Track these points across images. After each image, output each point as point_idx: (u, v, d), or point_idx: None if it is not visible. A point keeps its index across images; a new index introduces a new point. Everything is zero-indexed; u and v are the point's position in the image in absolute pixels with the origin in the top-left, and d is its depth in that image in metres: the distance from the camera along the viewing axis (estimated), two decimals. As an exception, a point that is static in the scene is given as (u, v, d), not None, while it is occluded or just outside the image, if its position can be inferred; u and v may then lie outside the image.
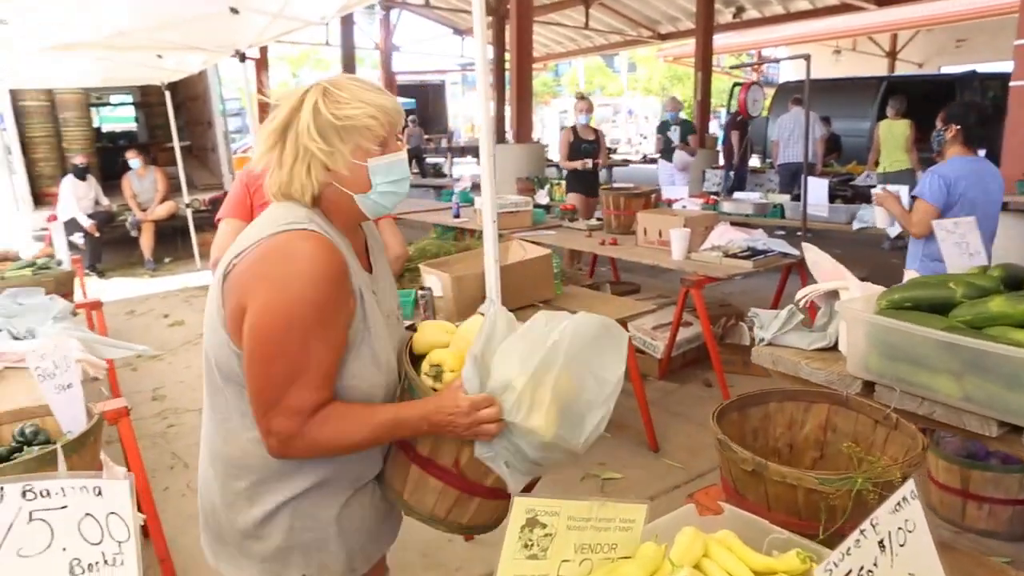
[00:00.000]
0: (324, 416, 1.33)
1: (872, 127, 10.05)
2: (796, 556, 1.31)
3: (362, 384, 1.40)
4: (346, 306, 1.36)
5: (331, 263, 1.32)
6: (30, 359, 1.88)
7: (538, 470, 1.47)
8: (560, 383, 1.36)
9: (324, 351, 1.32)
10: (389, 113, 1.39)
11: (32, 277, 4.12)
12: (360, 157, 1.38)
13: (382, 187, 1.40)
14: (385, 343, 1.46)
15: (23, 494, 0.97)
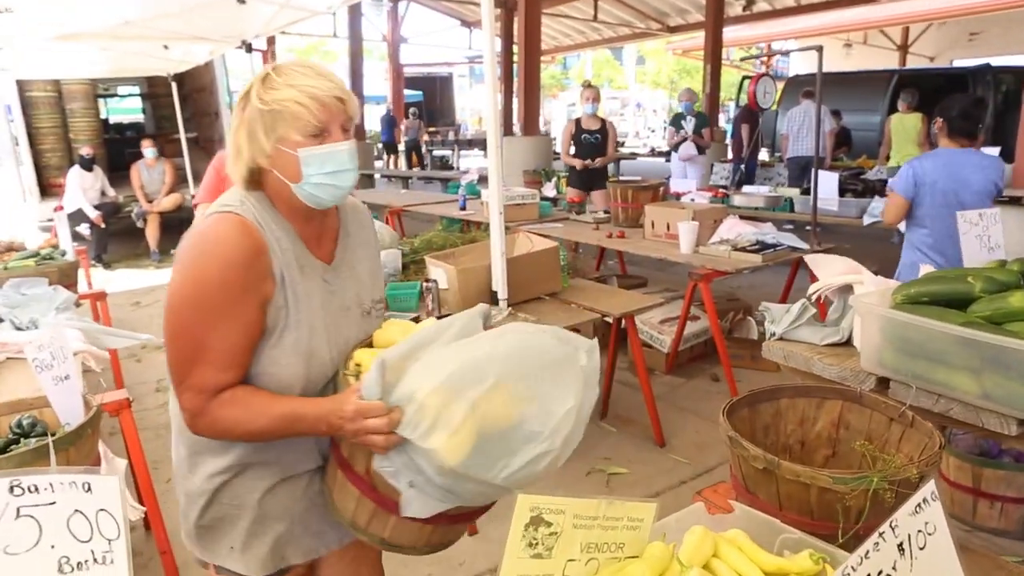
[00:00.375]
0: (227, 398, 1.33)
1: (883, 121, 9.95)
2: (809, 557, 1.27)
3: (279, 372, 1.38)
4: (258, 290, 1.34)
5: (239, 245, 1.32)
6: (28, 350, 1.85)
7: (456, 499, 1.28)
8: (488, 406, 1.20)
9: (228, 332, 1.32)
10: (323, 101, 1.32)
11: (36, 267, 4.11)
12: (291, 145, 1.33)
13: (316, 178, 1.35)
14: (319, 334, 1.42)
15: (11, 489, 0.94)
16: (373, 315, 1.56)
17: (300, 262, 1.42)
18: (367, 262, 1.58)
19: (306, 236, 1.45)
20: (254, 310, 1.34)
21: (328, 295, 1.46)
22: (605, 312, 3.41)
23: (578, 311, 3.41)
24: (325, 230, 1.50)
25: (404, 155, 18.98)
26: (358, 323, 1.51)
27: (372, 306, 1.56)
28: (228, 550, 1.48)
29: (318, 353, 1.42)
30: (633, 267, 7.16)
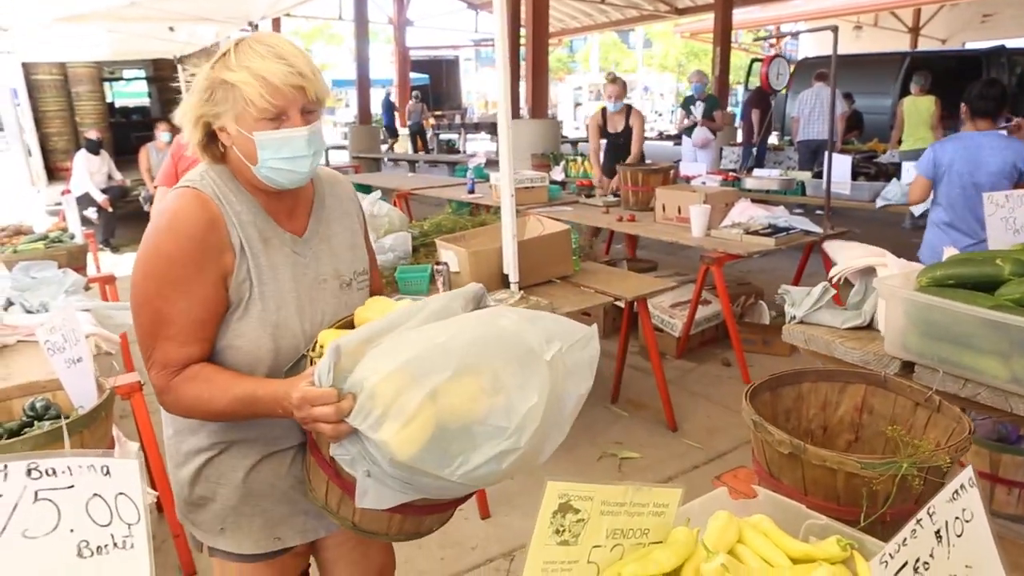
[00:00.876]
0: (191, 375, 1.33)
1: (894, 104, 9.83)
2: (836, 543, 1.24)
3: (246, 345, 1.37)
4: (215, 263, 1.33)
5: (193, 219, 1.32)
6: (39, 333, 1.83)
7: (416, 492, 1.21)
8: (449, 397, 1.12)
9: (186, 305, 1.31)
10: (277, 85, 1.27)
11: (45, 251, 4.09)
12: (248, 128, 1.30)
13: (272, 163, 1.32)
14: (288, 306, 1.40)
15: (28, 472, 0.91)
16: (355, 287, 1.53)
17: (264, 235, 1.40)
18: (345, 234, 1.55)
19: (273, 209, 1.43)
20: (212, 284, 1.33)
21: (300, 268, 1.44)
22: (617, 296, 3.38)
23: (590, 294, 3.38)
24: (297, 203, 1.48)
25: (408, 139, 18.89)
26: (336, 296, 1.49)
27: (353, 278, 1.53)
28: (219, 530, 1.48)
29: (287, 325, 1.40)
30: (642, 251, 7.11)
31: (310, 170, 1.36)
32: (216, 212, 1.35)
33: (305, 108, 1.32)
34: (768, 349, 4.73)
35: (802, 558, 1.25)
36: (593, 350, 1.31)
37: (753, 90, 10.90)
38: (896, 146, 8.51)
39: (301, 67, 1.29)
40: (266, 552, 1.49)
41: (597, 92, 30.18)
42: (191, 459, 1.46)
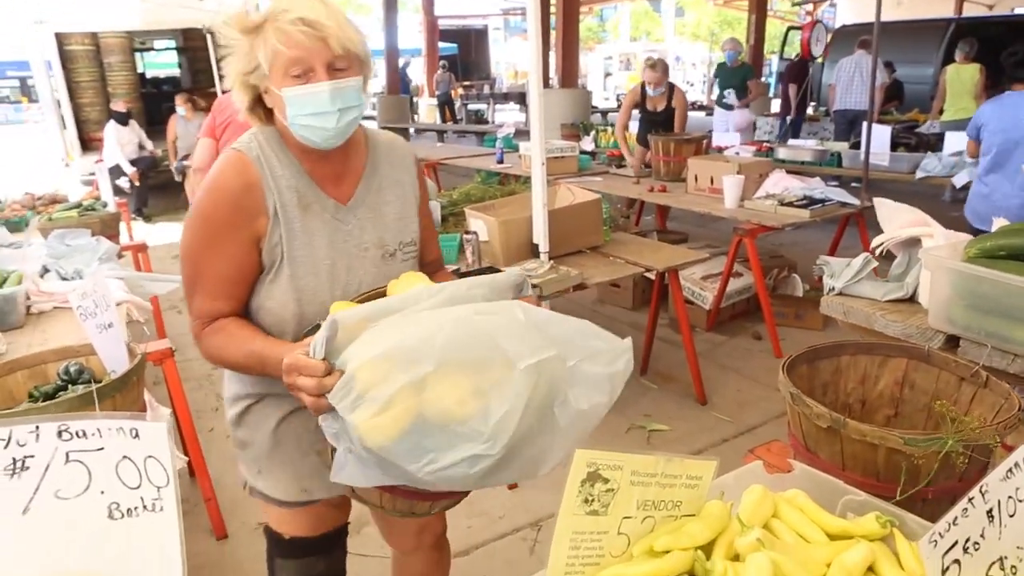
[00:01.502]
0: (217, 327, 1.38)
1: (936, 73, 9.51)
2: (875, 519, 1.21)
3: (274, 307, 1.40)
4: (248, 226, 1.36)
5: (229, 182, 1.35)
6: (72, 298, 1.85)
7: (390, 478, 1.15)
8: (435, 392, 1.08)
9: (216, 262, 1.36)
10: (298, 39, 1.26)
11: (78, 219, 4.15)
12: (277, 84, 1.31)
13: (299, 119, 1.32)
14: (319, 272, 1.41)
15: (59, 434, 0.91)
16: (399, 258, 1.51)
17: (304, 200, 1.40)
18: (396, 203, 1.52)
19: (320, 174, 1.43)
20: (244, 245, 1.37)
21: (340, 235, 1.44)
22: (648, 266, 3.33)
23: (620, 265, 3.34)
24: (347, 169, 1.47)
25: (437, 109, 18.78)
26: (377, 265, 1.48)
27: (398, 248, 1.51)
28: (256, 472, 1.55)
29: (314, 291, 1.41)
30: (672, 223, 7.01)
31: (338, 127, 1.33)
32: (254, 176, 1.36)
33: (333, 64, 1.30)
34: (800, 323, 4.64)
35: (839, 534, 1.22)
36: (618, 366, 1.25)
37: (790, 61, 10.62)
38: (937, 116, 8.24)
39: (322, 20, 1.27)
40: (296, 501, 1.54)
41: (627, 62, 29.71)
42: (235, 404, 1.55)
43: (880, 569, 1.13)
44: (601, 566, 1.10)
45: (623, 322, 4.90)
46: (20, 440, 0.90)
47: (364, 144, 1.50)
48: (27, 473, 0.91)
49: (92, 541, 0.93)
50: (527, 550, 2.66)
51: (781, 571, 1.08)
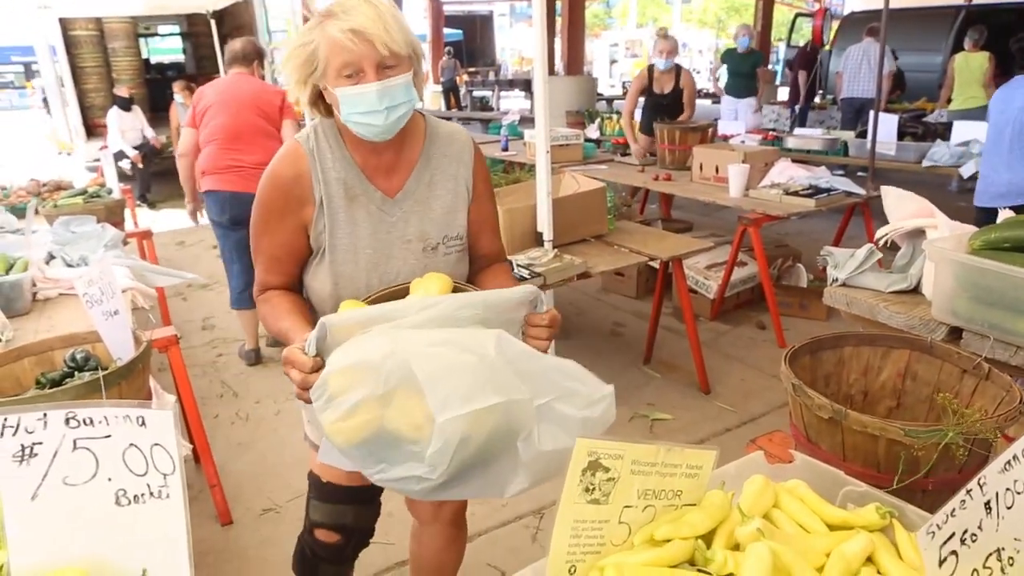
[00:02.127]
0: (266, 297, 1.54)
1: (945, 61, 9.42)
2: (875, 510, 1.21)
3: (317, 288, 1.54)
4: (295, 213, 1.48)
5: (281, 172, 1.48)
6: (78, 285, 1.86)
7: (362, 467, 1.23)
8: (397, 408, 1.15)
9: (268, 242, 1.52)
10: (344, 43, 1.33)
11: (84, 205, 4.15)
12: (331, 83, 1.39)
13: (352, 117, 1.40)
14: (358, 260, 1.50)
15: (66, 421, 0.93)
16: (440, 251, 1.56)
17: (352, 192, 1.49)
18: (447, 197, 1.56)
19: (371, 166, 1.51)
20: (291, 230, 1.50)
21: (384, 226, 1.51)
22: (653, 255, 3.33)
23: (624, 254, 3.34)
24: (400, 161, 1.53)
25: (442, 96, 18.70)
26: (417, 257, 1.53)
27: (441, 242, 1.56)
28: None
29: (352, 278, 1.50)
30: (677, 211, 7.00)
31: (386, 123, 1.40)
32: (304, 168, 1.48)
33: (382, 64, 1.36)
34: (804, 313, 4.64)
35: (839, 525, 1.23)
36: (595, 412, 1.25)
37: (800, 48, 10.53)
38: (945, 105, 8.19)
39: (368, 24, 1.34)
40: None
41: (634, 49, 29.50)
42: None
43: (879, 560, 1.14)
44: (602, 554, 1.11)
45: (627, 311, 4.91)
46: (28, 427, 0.91)
47: (422, 135, 1.56)
48: (35, 460, 0.92)
49: (99, 527, 0.94)
50: (529, 537, 2.67)
51: (781, 561, 1.09)
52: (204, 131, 3.99)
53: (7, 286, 2.60)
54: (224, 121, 3.93)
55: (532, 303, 1.34)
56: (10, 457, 0.91)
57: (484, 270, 1.67)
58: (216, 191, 3.98)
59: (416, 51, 1.43)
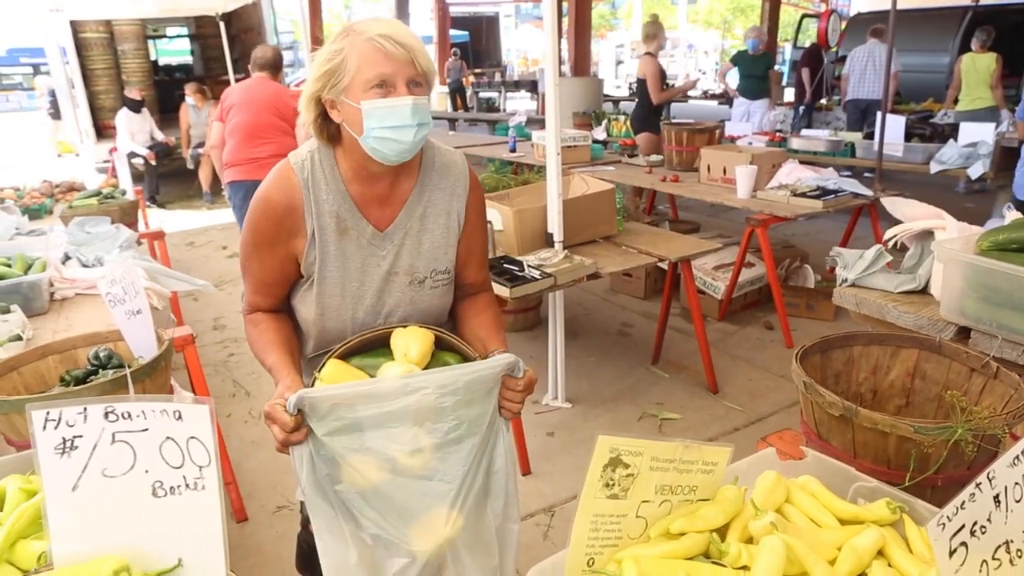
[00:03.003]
0: (255, 319, 1.54)
1: (952, 61, 9.41)
2: (886, 505, 1.24)
3: (303, 313, 1.55)
4: (285, 243, 1.46)
5: (274, 202, 1.45)
6: (101, 284, 1.90)
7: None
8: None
9: (256, 266, 1.51)
10: (388, 53, 1.32)
11: (98, 206, 4.20)
12: (355, 97, 1.35)
13: (376, 131, 1.35)
14: (345, 293, 1.49)
15: (106, 415, 0.96)
16: (427, 285, 1.54)
17: (343, 225, 1.46)
18: (438, 231, 1.53)
19: (365, 197, 1.48)
20: (280, 258, 1.48)
21: (373, 260, 1.49)
22: (662, 256, 3.35)
23: (633, 255, 3.37)
24: (393, 194, 1.50)
25: (448, 97, 18.74)
26: (403, 290, 1.52)
27: (428, 276, 1.54)
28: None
29: (337, 310, 1.50)
30: (684, 212, 7.02)
31: (413, 141, 1.37)
32: (297, 200, 1.44)
33: (413, 80, 1.35)
34: (812, 313, 4.66)
35: (850, 519, 1.25)
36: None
37: (805, 48, 10.53)
38: (952, 106, 8.18)
39: (411, 41, 1.35)
40: None
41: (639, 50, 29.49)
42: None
43: (890, 553, 1.17)
44: (619, 547, 1.14)
45: (635, 311, 4.93)
46: (69, 421, 0.95)
47: (418, 166, 1.52)
48: (76, 452, 0.95)
49: (137, 517, 0.98)
50: (541, 535, 2.70)
51: (794, 553, 1.12)
52: (227, 126, 4.62)
53: (26, 286, 2.64)
54: (245, 119, 4.53)
55: (510, 369, 1.36)
56: (52, 449, 0.95)
57: (468, 299, 1.65)
58: (239, 181, 4.56)
59: (436, 76, 1.43)
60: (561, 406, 3.59)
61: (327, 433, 1.26)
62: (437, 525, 1.32)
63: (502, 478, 1.40)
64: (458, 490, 1.33)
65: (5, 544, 1.09)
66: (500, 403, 1.38)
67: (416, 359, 1.36)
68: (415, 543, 1.31)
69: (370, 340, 1.43)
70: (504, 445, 1.40)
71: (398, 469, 1.29)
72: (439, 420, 1.29)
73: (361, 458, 1.27)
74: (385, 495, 1.29)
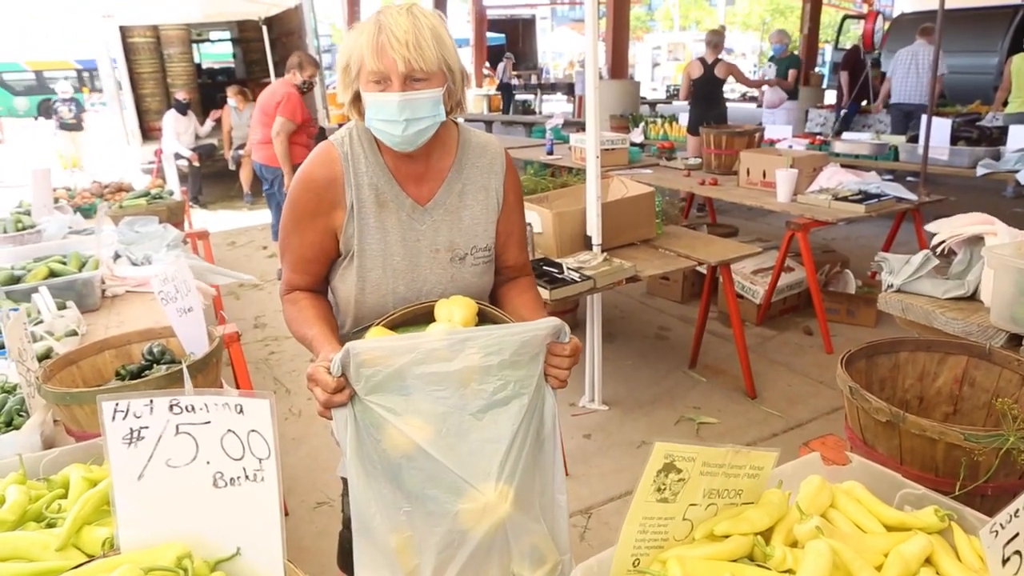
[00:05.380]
0: (293, 298, 1.56)
1: (1000, 62, 9.19)
2: (934, 513, 1.23)
3: (342, 290, 1.55)
4: (325, 215, 1.49)
5: (314, 174, 1.49)
6: (154, 283, 1.95)
7: None
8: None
9: (296, 242, 1.53)
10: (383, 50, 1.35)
11: (147, 206, 4.32)
12: (363, 86, 1.41)
13: (374, 122, 1.42)
14: (386, 267, 1.50)
15: (170, 408, 1.00)
16: (468, 262, 1.56)
17: (382, 198, 1.49)
18: (477, 208, 1.56)
19: (403, 172, 1.51)
20: (320, 232, 1.50)
21: (413, 234, 1.51)
22: (701, 260, 3.34)
23: (672, 258, 3.36)
24: (430, 170, 1.53)
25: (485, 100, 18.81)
26: (444, 267, 1.54)
27: (469, 252, 1.55)
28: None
29: (377, 284, 1.51)
30: (721, 216, 6.97)
31: (404, 135, 1.40)
32: (338, 172, 1.48)
33: (410, 76, 1.37)
34: (852, 319, 4.59)
35: (897, 526, 1.24)
36: None
37: (847, 50, 10.36)
38: (1000, 108, 7.97)
39: (395, 40, 1.34)
40: None
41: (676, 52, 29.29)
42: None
43: (938, 561, 1.16)
44: (664, 549, 1.15)
45: (672, 315, 4.91)
46: (136, 412, 0.99)
47: (455, 145, 1.55)
48: (142, 443, 0.99)
49: (198, 507, 1.02)
50: (577, 536, 2.71)
51: (840, 558, 1.11)
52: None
53: (80, 283, 2.73)
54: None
55: (556, 334, 1.36)
56: (120, 439, 0.99)
57: (509, 283, 1.67)
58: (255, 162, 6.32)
59: (452, 67, 1.42)
60: (598, 408, 3.59)
61: (370, 392, 1.24)
62: (487, 495, 1.26)
63: (551, 445, 1.38)
64: (506, 453, 1.28)
65: (72, 529, 1.13)
66: (546, 370, 1.36)
67: (460, 323, 1.37)
68: (464, 519, 1.27)
69: (413, 315, 1.43)
70: (551, 409, 1.38)
71: (444, 431, 1.25)
72: (484, 381, 1.27)
73: (406, 420, 1.24)
74: (431, 460, 1.25)
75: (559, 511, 1.40)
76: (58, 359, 1.85)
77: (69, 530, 1.13)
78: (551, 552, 1.37)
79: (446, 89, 1.42)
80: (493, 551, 1.30)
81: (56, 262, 2.92)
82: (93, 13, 8.59)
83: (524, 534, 1.32)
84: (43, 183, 3.97)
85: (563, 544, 1.40)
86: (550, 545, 1.37)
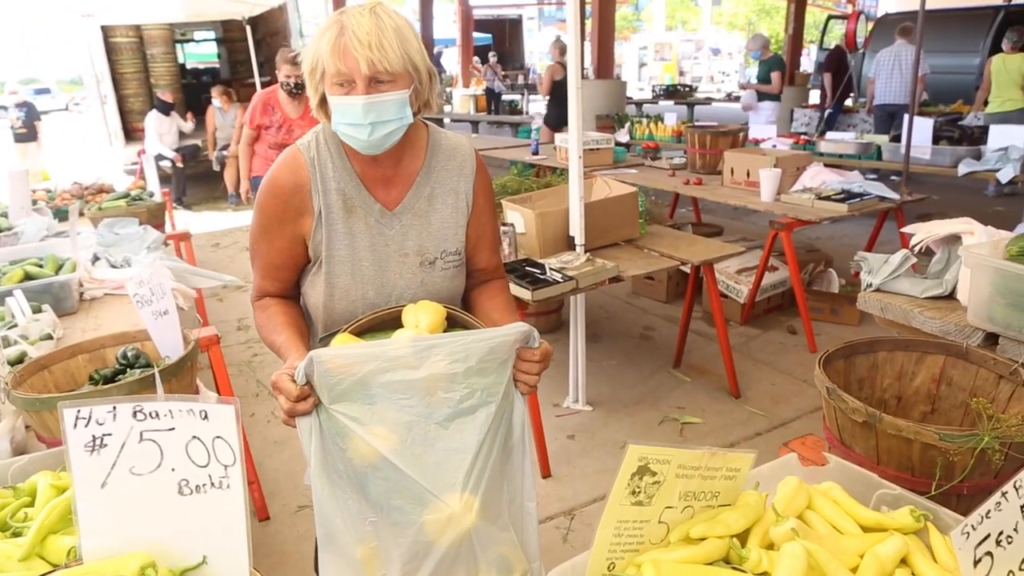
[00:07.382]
0: (263, 304, 1.54)
1: (982, 62, 9.26)
2: (910, 513, 1.23)
3: (311, 296, 1.54)
4: (292, 222, 1.47)
5: (281, 181, 1.46)
6: (129, 286, 1.93)
7: None
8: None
9: (265, 249, 1.51)
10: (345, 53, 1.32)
11: (127, 208, 4.27)
12: (328, 89, 1.39)
13: (339, 126, 1.40)
14: (356, 273, 1.48)
15: (134, 414, 0.98)
16: (438, 267, 1.53)
17: (350, 203, 1.47)
18: (447, 211, 1.53)
19: (370, 177, 1.48)
20: (288, 239, 1.48)
21: (382, 239, 1.49)
22: (684, 260, 3.34)
23: (656, 258, 3.35)
24: (398, 174, 1.50)
25: (472, 100, 18.77)
26: (414, 271, 1.51)
27: (439, 256, 1.53)
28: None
29: (346, 290, 1.49)
30: (707, 215, 6.98)
31: (370, 139, 1.38)
32: (304, 177, 1.45)
33: (374, 78, 1.34)
34: (836, 318, 4.61)
35: (873, 527, 1.24)
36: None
37: (829, 50, 10.43)
38: (981, 108, 8.05)
39: (357, 41, 1.31)
40: None
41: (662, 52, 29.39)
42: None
43: (913, 561, 1.16)
44: (640, 552, 1.14)
45: (657, 315, 4.92)
46: (99, 419, 0.97)
47: (424, 147, 1.52)
48: (105, 450, 0.97)
49: (163, 515, 1.00)
50: (560, 538, 2.70)
51: (815, 560, 1.11)
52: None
53: (57, 286, 2.70)
54: None
55: (525, 339, 1.32)
56: (82, 447, 0.97)
57: (481, 286, 1.65)
58: None
59: (418, 66, 1.39)
60: (582, 409, 3.59)
61: (335, 401, 1.21)
62: (451, 506, 1.25)
63: (519, 452, 1.36)
64: (472, 463, 1.25)
65: (36, 539, 1.11)
66: (516, 375, 1.33)
67: (427, 329, 1.34)
68: (429, 530, 1.25)
69: (380, 320, 1.42)
70: (519, 416, 1.35)
71: (409, 440, 1.23)
72: (451, 389, 1.25)
73: (371, 429, 1.22)
74: (396, 469, 1.23)
75: (528, 519, 1.38)
76: (29, 364, 1.83)
77: (33, 540, 1.11)
78: (519, 561, 1.36)
79: (413, 90, 1.39)
80: (459, 562, 1.28)
81: (32, 265, 2.88)
82: (73, 11, 8.50)
83: (491, 544, 1.31)
84: (20, 185, 3.92)
85: (532, 552, 1.39)
86: (518, 554, 1.35)
